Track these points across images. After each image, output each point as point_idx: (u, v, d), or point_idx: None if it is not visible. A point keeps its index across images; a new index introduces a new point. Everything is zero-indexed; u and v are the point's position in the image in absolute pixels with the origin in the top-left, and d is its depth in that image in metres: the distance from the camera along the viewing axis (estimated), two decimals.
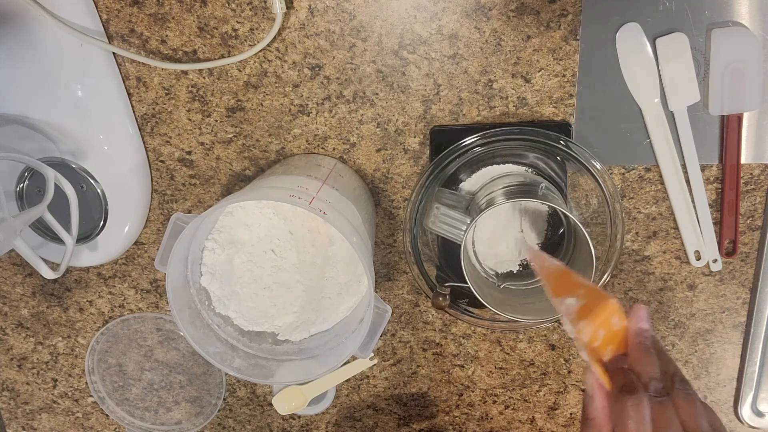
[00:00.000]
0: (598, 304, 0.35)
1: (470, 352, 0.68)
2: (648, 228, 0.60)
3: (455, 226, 0.54)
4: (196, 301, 0.54)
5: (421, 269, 0.60)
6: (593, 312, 0.35)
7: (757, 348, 0.63)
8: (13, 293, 0.72)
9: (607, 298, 0.35)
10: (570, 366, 0.67)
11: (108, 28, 0.57)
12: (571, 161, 0.56)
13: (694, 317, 0.63)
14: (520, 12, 0.53)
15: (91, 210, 0.62)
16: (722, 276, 0.61)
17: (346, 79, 0.57)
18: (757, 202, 0.58)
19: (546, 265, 0.41)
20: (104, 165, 0.60)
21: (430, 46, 0.55)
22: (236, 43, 0.56)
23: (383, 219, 0.63)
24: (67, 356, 0.74)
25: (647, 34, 0.54)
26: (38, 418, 0.79)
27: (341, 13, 0.54)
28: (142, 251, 0.67)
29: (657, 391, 0.33)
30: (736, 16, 0.53)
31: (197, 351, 0.53)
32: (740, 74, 0.54)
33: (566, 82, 0.56)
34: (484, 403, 0.71)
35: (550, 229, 0.59)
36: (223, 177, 0.63)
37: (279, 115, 0.59)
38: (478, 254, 0.60)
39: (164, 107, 0.60)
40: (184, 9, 0.55)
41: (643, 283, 0.62)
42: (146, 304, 0.70)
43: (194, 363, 0.73)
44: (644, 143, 0.57)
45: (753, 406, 0.66)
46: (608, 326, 0.35)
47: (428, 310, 0.66)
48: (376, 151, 0.60)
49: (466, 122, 0.58)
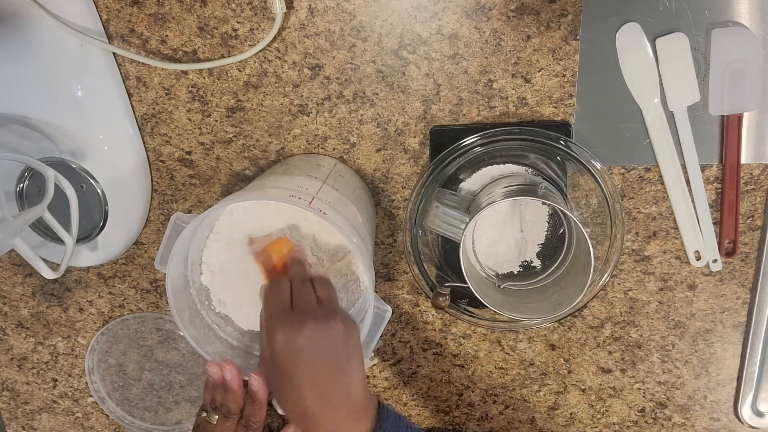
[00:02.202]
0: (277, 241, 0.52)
1: (470, 352, 0.68)
2: (648, 228, 0.60)
3: (455, 225, 0.54)
4: (196, 301, 0.54)
5: (421, 269, 0.60)
6: (273, 243, 0.52)
7: (757, 348, 0.63)
8: (13, 293, 0.72)
9: (281, 237, 0.52)
10: (570, 366, 0.67)
11: (108, 28, 0.57)
12: (571, 161, 0.56)
13: (694, 317, 0.63)
14: (520, 12, 0.53)
15: (91, 210, 0.62)
16: (722, 276, 0.61)
17: (346, 79, 0.57)
18: (757, 202, 0.58)
19: None
20: (104, 165, 0.60)
21: (430, 46, 0.55)
22: (236, 43, 0.56)
23: (383, 219, 0.63)
24: (67, 356, 0.74)
25: (647, 34, 0.54)
26: (38, 418, 0.79)
27: (341, 13, 0.54)
28: (142, 251, 0.67)
29: (300, 278, 0.49)
30: (736, 16, 0.53)
31: (197, 351, 0.53)
32: (740, 74, 0.54)
33: (566, 82, 0.56)
34: (484, 403, 0.71)
35: (550, 229, 0.59)
36: (223, 177, 0.63)
37: (279, 115, 0.59)
38: (478, 254, 0.60)
39: (164, 107, 0.60)
40: (184, 9, 0.55)
41: (643, 283, 0.62)
42: (146, 304, 0.70)
43: (194, 363, 0.73)
44: (644, 143, 0.57)
45: (753, 406, 0.66)
46: (280, 254, 0.51)
47: (428, 310, 0.66)
48: (376, 151, 0.60)
49: (466, 122, 0.58)
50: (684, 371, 0.66)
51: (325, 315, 0.46)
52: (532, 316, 0.55)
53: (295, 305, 0.46)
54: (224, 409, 0.53)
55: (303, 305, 0.46)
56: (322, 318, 0.45)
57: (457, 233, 0.54)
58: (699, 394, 0.67)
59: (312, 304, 0.47)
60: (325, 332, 0.45)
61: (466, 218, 0.53)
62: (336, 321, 0.45)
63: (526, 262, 0.60)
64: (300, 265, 0.51)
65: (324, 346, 0.45)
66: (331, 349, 0.45)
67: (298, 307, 0.46)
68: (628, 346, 0.65)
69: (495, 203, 0.52)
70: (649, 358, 0.66)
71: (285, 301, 0.47)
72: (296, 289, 0.48)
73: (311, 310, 0.46)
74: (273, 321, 0.46)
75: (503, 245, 0.60)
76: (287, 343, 0.44)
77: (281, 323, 0.45)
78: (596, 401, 0.69)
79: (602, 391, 0.68)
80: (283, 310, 0.46)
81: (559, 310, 0.54)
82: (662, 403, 0.68)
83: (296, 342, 0.44)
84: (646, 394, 0.67)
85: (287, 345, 0.44)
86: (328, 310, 0.46)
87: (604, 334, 0.65)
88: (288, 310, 0.46)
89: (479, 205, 0.55)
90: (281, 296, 0.47)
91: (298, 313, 0.45)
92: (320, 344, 0.45)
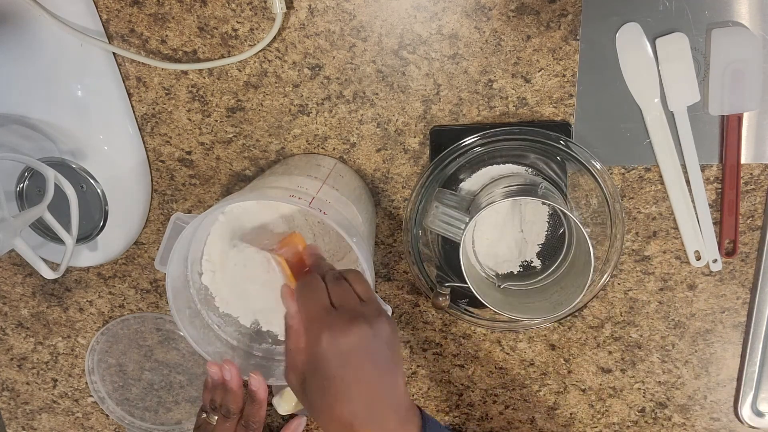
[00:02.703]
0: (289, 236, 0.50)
1: (470, 352, 0.68)
2: (648, 228, 0.60)
3: (454, 224, 0.54)
4: (196, 301, 0.54)
5: (421, 269, 0.60)
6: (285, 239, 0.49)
7: (757, 348, 0.63)
8: (13, 293, 0.72)
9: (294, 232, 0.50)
10: (570, 366, 0.67)
11: (108, 28, 0.57)
12: (571, 161, 0.56)
13: (694, 317, 0.63)
14: (520, 12, 0.53)
15: (91, 210, 0.62)
16: (722, 276, 0.61)
17: (346, 79, 0.57)
18: (757, 202, 0.58)
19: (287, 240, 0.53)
20: (104, 165, 0.60)
21: (430, 46, 0.55)
22: (236, 43, 0.56)
23: (383, 219, 0.63)
24: (67, 356, 0.75)
25: (647, 34, 0.54)
26: (38, 418, 0.79)
27: (341, 13, 0.54)
28: (142, 251, 0.67)
29: (333, 276, 0.45)
30: (736, 16, 0.53)
31: (197, 351, 0.53)
32: (740, 74, 0.54)
33: (566, 82, 0.56)
34: (484, 403, 0.71)
35: (550, 229, 0.59)
36: (223, 177, 0.63)
37: (279, 115, 0.59)
38: (478, 254, 0.60)
39: (164, 107, 0.60)
40: (184, 9, 0.55)
41: (643, 283, 0.62)
42: (146, 304, 0.70)
43: (194, 363, 0.73)
44: (644, 143, 0.57)
45: (753, 406, 0.66)
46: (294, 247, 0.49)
47: (428, 310, 0.66)
48: (376, 151, 0.60)
49: (466, 122, 0.58)
50: (684, 371, 0.66)
51: (372, 313, 0.42)
52: (532, 316, 0.56)
53: (337, 304, 0.42)
54: (224, 410, 0.53)
55: (346, 304, 0.43)
56: (370, 316, 0.42)
57: (457, 233, 0.54)
58: (699, 394, 0.67)
59: (355, 301, 0.43)
60: (375, 332, 0.41)
61: (466, 218, 0.54)
62: (383, 320, 0.42)
63: (526, 262, 0.60)
64: (323, 260, 0.48)
65: (374, 348, 0.41)
66: (380, 352, 0.41)
67: (342, 307, 0.42)
68: (628, 346, 0.65)
69: (495, 203, 0.52)
70: (649, 358, 0.66)
71: (325, 301, 0.43)
72: (333, 287, 0.44)
73: (356, 308, 0.42)
74: (315, 323, 0.42)
75: (503, 245, 0.60)
76: (335, 345, 0.40)
77: (326, 325, 0.41)
78: (596, 401, 0.69)
79: (602, 391, 0.68)
80: (326, 310, 0.42)
81: (559, 310, 0.54)
82: (662, 403, 0.68)
83: (346, 344, 0.40)
84: (646, 394, 0.67)
85: (335, 348, 0.40)
86: (373, 307, 0.43)
87: (604, 334, 0.65)
88: (332, 310, 0.42)
89: (479, 205, 0.55)
90: (320, 295, 0.43)
91: (343, 313, 0.42)
92: (370, 346, 0.41)
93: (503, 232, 0.59)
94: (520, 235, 0.59)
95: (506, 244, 0.60)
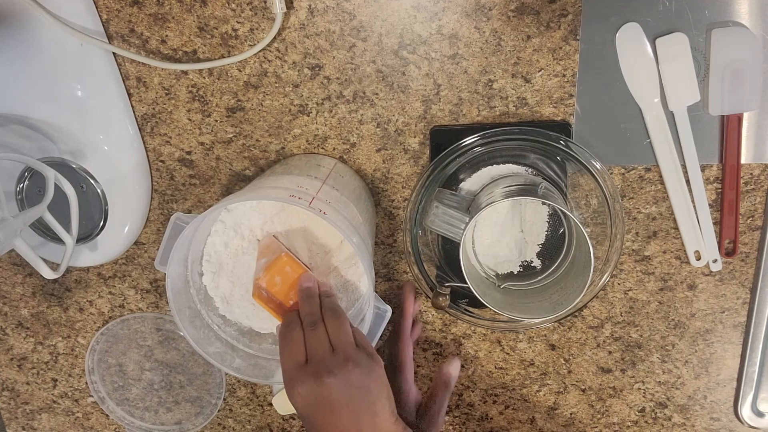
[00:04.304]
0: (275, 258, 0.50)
1: (470, 352, 0.68)
2: (648, 228, 0.60)
3: (454, 224, 0.54)
4: (196, 301, 0.54)
5: (421, 269, 0.60)
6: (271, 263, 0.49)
7: (757, 348, 0.63)
8: (13, 293, 0.72)
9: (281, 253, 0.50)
10: (570, 366, 0.67)
11: (108, 28, 0.57)
12: (571, 161, 0.56)
13: (694, 317, 0.63)
14: (520, 12, 0.53)
15: (91, 210, 0.62)
16: (722, 276, 0.61)
17: (346, 79, 0.57)
18: (757, 202, 0.58)
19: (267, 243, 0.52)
20: (104, 165, 0.60)
21: (430, 46, 0.55)
22: (236, 43, 0.56)
23: (383, 219, 0.63)
24: (67, 356, 0.75)
25: (647, 34, 0.54)
26: (38, 418, 0.79)
27: (341, 13, 0.54)
28: (142, 251, 0.67)
29: (310, 322, 0.47)
30: (736, 16, 0.53)
31: (197, 351, 0.53)
32: (740, 74, 0.54)
33: (566, 82, 0.56)
34: (484, 403, 0.71)
35: (550, 229, 0.59)
36: (223, 177, 0.63)
37: (279, 115, 0.59)
38: (478, 254, 0.60)
39: (164, 107, 0.60)
40: (184, 9, 0.55)
41: (643, 283, 0.62)
42: (146, 304, 0.70)
43: (194, 363, 0.73)
44: (644, 143, 0.57)
45: (753, 406, 0.66)
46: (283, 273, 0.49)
47: (428, 310, 0.66)
48: (376, 151, 0.60)
49: (466, 122, 0.58)
50: (684, 371, 0.66)
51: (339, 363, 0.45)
52: (532, 316, 0.55)
53: (309, 357, 0.46)
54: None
55: (317, 356, 0.46)
56: (337, 367, 0.45)
57: (457, 233, 0.54)
58: (699, 394, 0.67)
59: (326, 353, 0.46)
60: (343, 381, 0.44)
61: (466, 218, 0.54)
62: (351, 367, 0.45)
63: (526, 262, 0.60)
64: (310, 300, 0.50)
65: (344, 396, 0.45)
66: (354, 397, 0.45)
67: (313, 359, 0.46)
68: (628, 346, 0.65)
69: (495, 203, 0.52)
70: (649, 358, 0.66)
71: (299, 355, 0.46)
72: (309, 338, 0.47)
73: (325, 361, 0.45)
74: (289, 377, 0.46)
75: (503, 245, 0.60)
76: (307, 398, 0.45)
77: (298, 380, 0.45)
78: (596, 401, 0.69)
79: (602, 391, 0.68)
80: (297, 367, 0.46)
81: (559, 310, 0.54)
82: (662, 403, 0.68)
83: (316, 396, 0.44)
84: (646, 394, 0.67)
85: (308, 400, 0.45)
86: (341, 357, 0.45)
87: (604, 334, 0.65)
88: (302, 366, 0.45)
89: (479, 205, 0.55)
90: (294, 349, 0.46)
91: (312, 367, 0.45)
92: (341, 394, 0.44)
93: (503, 232, 0.59)
94: (520, 235, 0.59)
95: (506, 244, 0.60)
